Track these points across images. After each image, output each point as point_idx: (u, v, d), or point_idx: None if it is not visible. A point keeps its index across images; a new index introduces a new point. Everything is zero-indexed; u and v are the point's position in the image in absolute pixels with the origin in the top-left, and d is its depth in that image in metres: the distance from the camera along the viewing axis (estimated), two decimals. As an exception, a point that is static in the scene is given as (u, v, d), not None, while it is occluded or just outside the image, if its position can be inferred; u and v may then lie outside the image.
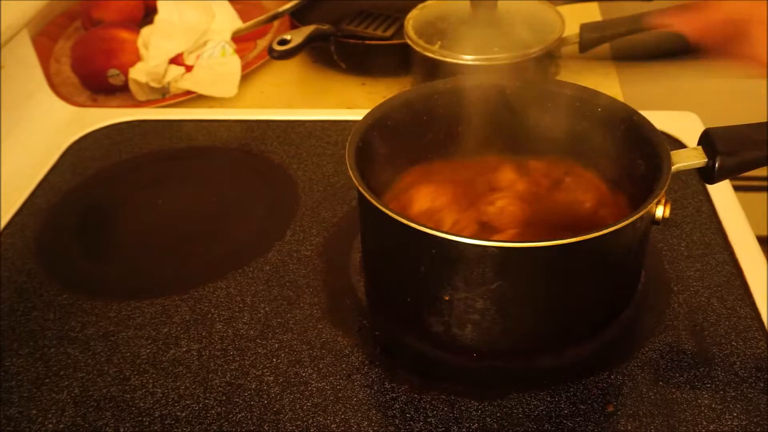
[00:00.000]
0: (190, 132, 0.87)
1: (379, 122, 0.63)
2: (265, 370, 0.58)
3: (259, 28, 1.00)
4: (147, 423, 0.55)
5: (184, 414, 0.55)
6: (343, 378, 0.57)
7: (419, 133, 0.67)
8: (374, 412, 0.55)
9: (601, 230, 0.52)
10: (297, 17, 1.02)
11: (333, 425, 0.54)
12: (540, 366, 0.58)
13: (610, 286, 0.59)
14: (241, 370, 0.58)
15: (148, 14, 1.11)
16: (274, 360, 0.59)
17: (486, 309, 0.55)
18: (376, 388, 0.57)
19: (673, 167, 0.56)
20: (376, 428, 0.54)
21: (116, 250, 0.72)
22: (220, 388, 0.57)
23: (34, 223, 0.75)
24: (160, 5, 0.96)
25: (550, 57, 0.86)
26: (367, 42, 0.97)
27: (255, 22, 0.98)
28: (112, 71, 0.96)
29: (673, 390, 0.55)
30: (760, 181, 1.53)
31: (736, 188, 0.73)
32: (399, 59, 0.92)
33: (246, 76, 0.98)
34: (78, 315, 0.64)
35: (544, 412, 0.54)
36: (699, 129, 0.59)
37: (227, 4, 1.01)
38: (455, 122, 0.68)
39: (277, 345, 0.60)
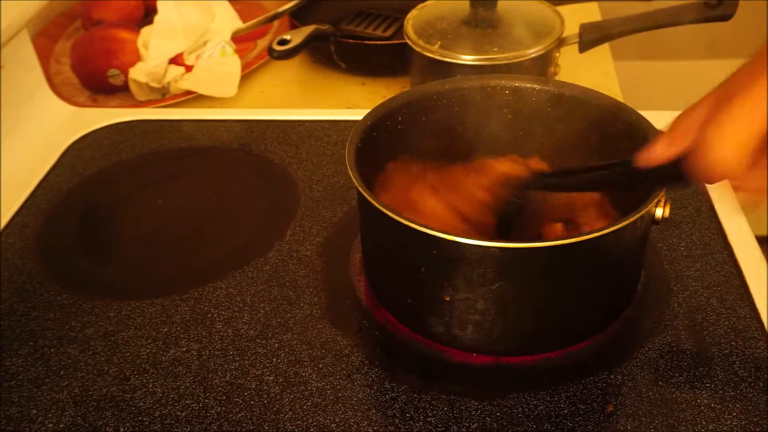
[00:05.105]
0: (190, 132, 0.87)
1: (379, 122, 0.64)
2: (265, 370, 0.58)
3: (259, 28, 1.00)
4: (147, 423, 0.55)
5: (184, 414, 0.55)
6: (343, 378, 0.57)
7: (419, 133, 0.67)
8: (374, 412, 0.55)
9: (601, 230, 0.52)
10: (297, 17, 1.02)
11: (333, 425, 0.54)
12: (540, 366, 0.58)
13: (610, 286, 0.59)
14: (241, 370, 0.58)
15: (148, 14, 1.11)
16: (274, 360, 0.59)
17: (487, 309, 0.55)
18: (376, 388, 0.57)
19: (673, 167, 0.56)
20: (376, 428, 0.54)
21: (116, 250, 0.72)
22: (220, 388, 0.57)
23: (34, 223, 0.75)
24: (160, 5, 0.96)
25: (549, 57, 0.87)
26: (367, 42, 0.97)
27: (255, 22, 0.98)
28: (112, 71, 0.96)
29: (672, 390, 0.55)
30: (760, 181, 1.53)
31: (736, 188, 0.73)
32: (399, 59, 0.92)
33: (246, 76, 0.98)
34: (78, 315, 0.64)
35: (543, 412, 0.54)
36: (699, 129, 0.59)
37: (227, 4, 1.01)
38: (455, 123, 0.68)
39: (277, 345, 0.60)
